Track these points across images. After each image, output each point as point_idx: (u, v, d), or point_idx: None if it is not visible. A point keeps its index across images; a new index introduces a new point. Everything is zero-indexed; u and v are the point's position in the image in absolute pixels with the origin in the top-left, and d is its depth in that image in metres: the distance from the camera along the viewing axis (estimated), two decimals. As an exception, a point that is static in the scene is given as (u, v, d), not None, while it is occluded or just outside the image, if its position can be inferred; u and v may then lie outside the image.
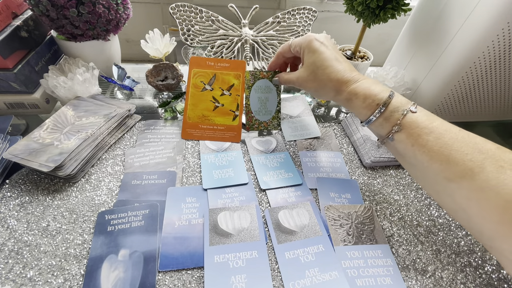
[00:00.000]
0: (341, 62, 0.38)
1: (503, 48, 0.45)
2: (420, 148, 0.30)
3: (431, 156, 0.29)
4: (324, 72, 0.38)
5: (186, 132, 0.49)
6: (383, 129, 0.34)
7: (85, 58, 0.54)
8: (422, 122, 0.31)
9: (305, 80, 0.41)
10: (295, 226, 0.37)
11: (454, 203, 0.29)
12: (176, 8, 0.56)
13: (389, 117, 0.33)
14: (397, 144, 0.33)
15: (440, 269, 0.35)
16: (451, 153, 0.28)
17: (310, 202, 0.40)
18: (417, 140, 0.31)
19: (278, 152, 0.48)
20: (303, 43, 0.40)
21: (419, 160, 0.31)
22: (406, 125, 0.32)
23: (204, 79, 0.50)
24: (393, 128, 0.33)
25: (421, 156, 0.30)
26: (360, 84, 0.36)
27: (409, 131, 0.31)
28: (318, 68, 0.38)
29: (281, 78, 0.47)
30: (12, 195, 0.38)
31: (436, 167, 0.29)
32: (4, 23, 0.47)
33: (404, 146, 0.32)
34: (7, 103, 0.50)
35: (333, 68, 0.37)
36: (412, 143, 0.31)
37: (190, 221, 0.37)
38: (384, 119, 0.34)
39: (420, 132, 0.31)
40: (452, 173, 0.28)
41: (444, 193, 0.30)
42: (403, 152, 0.33)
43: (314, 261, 0.34)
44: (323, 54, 0.38)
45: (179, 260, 0.33)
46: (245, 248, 0.35)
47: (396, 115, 0.33)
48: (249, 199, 0.41)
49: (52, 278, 0.31)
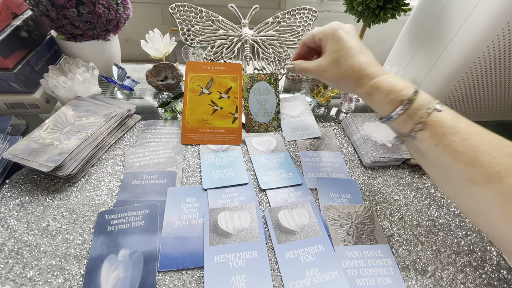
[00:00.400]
0: (365, 55, 0.36)
1: (503, 48, 0.45)
2: (444, 148, 0.29)
3: (455, 157, 0.28)
4: (347, 61, 0.36)
5: (185, 137, 0.49)
6: (405, 127, 0.32)
7: (85, 58, 0.54)
8: (447, 122, 0.30)
9: (324, 69, 0.38)
10: (295, 226, 0.37)
11: (476, 206, 0.28)
12: (176, 8, 0.56)
13: (413, 114, 0.31)
14: (420, 143, 0.32)
15: (440, 269, 0.35)
16: (477, 155, 0.27)
17: (310, 202, 0.40)
18: (442, 140, 0.29)
19: (278, 152, 0.48)
20: (327, 31, 0.38)
21: (442, 161, 0.30)
22: (430, 123, 0.30)
23: (201, 83, 0.50)
24: (416, 126, 0.31)
25: (445, 156, 0.29)
26: (383, 79, 0.34)
27: (433, 130, 0.30)
28: (341, 57, 0.36)
29: (298, 66, 0.43)
30: (12, 195, 0.38)
31: (461, 168, 0.28)
32: (4, 23, 0.47)
33: (426, 145, 0.31)
34: (7, 103, 0.50)
35: (357, 59, 0.35)
36: (436, 143, 0.30)
37: (190, 221, 0.37)
38: (407, 116, 0.32)
39: (445, 131, 0.29)
40: (478, 176, 0.27)
41: (466, 195, 0.29)
42: (425, 151, 0.31)
43: (314, 261, 0.34)
44: (348, 43, 0.36)
45: (179, 260, 0.33)
46: (245, 248, 0.35)
47: (420, 113, 0.31)
48: (249, 199, 0.41)
49: (52, 278, 0.31)
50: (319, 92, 0.61)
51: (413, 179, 0.46)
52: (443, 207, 0.42)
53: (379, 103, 0.34)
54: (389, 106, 0.33)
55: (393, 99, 0.32)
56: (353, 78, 0.36)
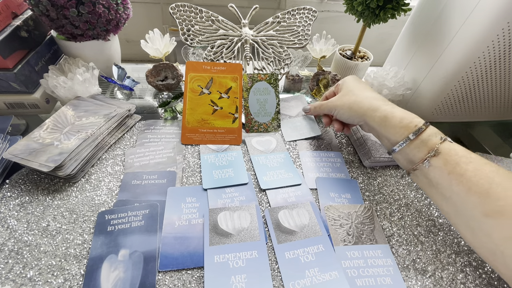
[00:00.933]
0: None
1: (503, 48, 0.45)
2: (457, 177, 0.28)
3: (469, 187, 0.27)
4: (361, 92, 0.41)
5: (185, 137, 0.49)
6: (419, 152, 0.32)
7: (85, 58, 0.54)
8: (460, 151, 0.30)
9: (339, 98, 0.43)
10: (295, 226, 0.37)
11: (491, 243, 0.27)
12: (176, 8, 0.56)
13: (427, 140, 0.32)
14: (432, 171, 0.31)
15: (440, 269, 0.35)
16: (491, 186, 0.26)
17: (310, 202, 0.40)
18: (455, 168, 0.29)
19: (278, 152, 0.48)
20: (339, 83, 0.46)
21: (455, 192, 0.29)
22: (444, 151, 0.30)
23: (201, 83, 0.50)
24: (429, 152, 0.31)
25: (458, 186, 0.28)
26: (395, 109, 0.36)
27: (446, 157, 0.30)
28: (355, 89, 0.42)
29: (313, 105, 0.51)
30: (12, 195, 0.38)
31: (474, 200, 0.27)
32: (4, 23, 0.47)
33: (439, 174, 0.30)
34: (7, 103, 0.50)
35: (370, 92, 0.41)
36: (449, 171, 0.29)
37: (190, 221, 0.37)
38: (421, 142, 0.32)
39: (459, 160, 0.29)
40: (492, 208, 0.26)
41: (480, 230, 0.28)
42: (438, 181, 0.31)
43: (314, 261, 0.34)
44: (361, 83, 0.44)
45: (179, 260, 0.33)
46: (245, 248, 0.35)
47: (434, 140, 0.31)
48: (249, 199, 0.41)
49: (52, 278, 0.31)
50: (319, 92, 0.61)
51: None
52: (443, 207, 0.42)
53: (394, 127, 0.35)
54: (404, 129, 0.34)
55: (408, 124, 0.34)
56: (368, 103, 0.39)
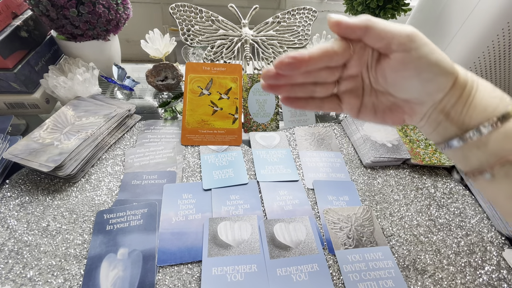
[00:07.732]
0: None
1: (503, 48, 0.45)
2: None
3: None
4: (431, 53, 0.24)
5: (185, 138, 0.48)
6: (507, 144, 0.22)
7: (85, 58, 0.54)
8: None
9: None
10: (291, 242, 0.36)
11: None
12: (176, 8, 0.56)
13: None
14: None
15: (440, 269, 0.35)
16: None
17: (309, 217, 0.39)
18: None
19: (280, 148, 0.48)
20: None
21: None
22: None
23: (201, 84, 0.50)
24: None
25: None
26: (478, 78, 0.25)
27: None
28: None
29: None
30: (12, 195, 0.38)
31: None
32: (4, 23, 0.47)
33: None
34: (7, 103, 0.50)
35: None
36: None
37: (187, 217, 0.37)
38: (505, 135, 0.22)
39: None
40: None
41: None
42: None
43: (306, 281, 0.32)
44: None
45: (177, 255, 0.33)
46: (245, 261, 0.33)
47: None
48: (254, 207, 0.39)
49: (52, 278, 0.31)
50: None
51: (413, 179, 0.46)
52: (443, 207, 0.42)
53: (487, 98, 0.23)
54: (499, 100, 0.23)
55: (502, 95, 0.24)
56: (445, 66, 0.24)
